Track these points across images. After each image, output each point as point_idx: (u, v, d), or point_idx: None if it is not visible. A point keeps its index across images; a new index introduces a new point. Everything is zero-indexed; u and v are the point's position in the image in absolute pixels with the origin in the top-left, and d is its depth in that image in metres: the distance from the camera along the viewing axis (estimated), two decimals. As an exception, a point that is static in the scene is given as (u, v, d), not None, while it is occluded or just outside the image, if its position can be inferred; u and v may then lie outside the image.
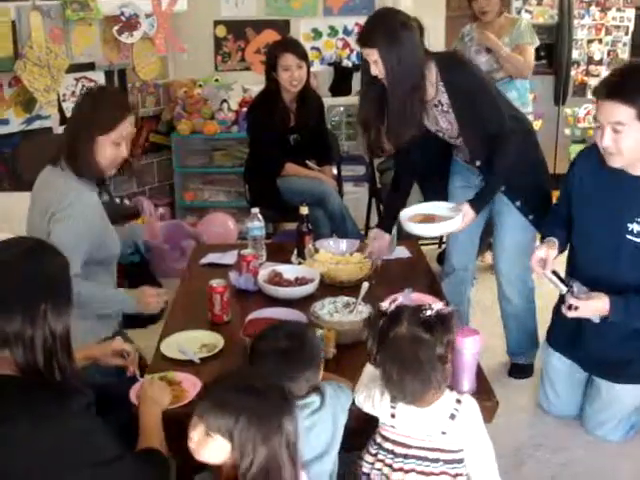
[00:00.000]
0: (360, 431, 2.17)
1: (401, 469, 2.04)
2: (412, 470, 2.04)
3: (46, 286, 1.74)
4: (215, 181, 5.59)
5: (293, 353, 2.00)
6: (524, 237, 3.35)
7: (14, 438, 1.62)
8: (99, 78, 4.88)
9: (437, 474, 2.04)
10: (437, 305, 2.03)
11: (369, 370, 2.20)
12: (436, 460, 2.04)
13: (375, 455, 2.10)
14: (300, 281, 3.04)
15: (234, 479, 1.69)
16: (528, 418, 3.25)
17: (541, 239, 3.04)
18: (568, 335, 3.06)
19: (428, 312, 1.99)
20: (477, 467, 2.08)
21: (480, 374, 2.42)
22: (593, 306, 2.75)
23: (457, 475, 2.06)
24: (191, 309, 2.92)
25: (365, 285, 2.81)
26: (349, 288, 2.94)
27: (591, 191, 2.88)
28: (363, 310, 2.68)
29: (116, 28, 4.80)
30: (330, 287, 3.02)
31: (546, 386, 3.26)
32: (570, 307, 2.77)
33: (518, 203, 3.31)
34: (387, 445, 2.07)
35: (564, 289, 2.79)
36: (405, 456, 2.04)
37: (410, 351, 1.95)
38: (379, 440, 2.10)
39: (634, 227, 2.75)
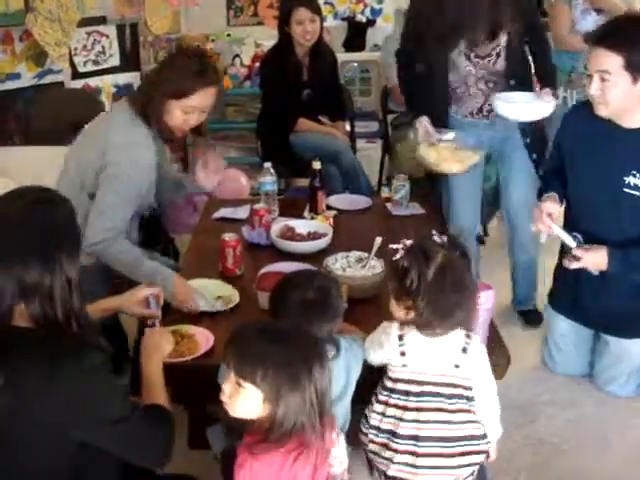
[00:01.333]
0: (366, 384, 2.18)
1: (416, 408, 2.04)
2: (427, 408, 2.04)
3: (58, 234, 1.73)
4: (227, 137, 5.56)
5: (320, 304, 2.01)
6: (533, 180, 3.36)
7: (27, 392, 1.62)
8: (111, 32, 4.85)
9: (453, 411, 2.05)
10: (436, 235, 2.09)
11: (383, 327, 2.19)
12: (450, 396, 2.04)
13: (385, 402, 2.09)
14: (313, 235, 3.03)
15: (264, 432, 1.68)
16: (537, 375, 3.25)
17: (538, 195, 3.01)
18: (570, 296, 3.06)
19: (436, 238, 2.06)
20: (484, 404, 2.10)
21: (493, 330, 2.43)
22: (593, 258, 2.75)
23: (470, 412, 2.07)
24: (204, 263, 2.92)
25: (378, 240, 2.80)
26: (361, 243, 2.92)
27: (585, 146, 2.84)
28: (376, 265, 2.67)
29: (128, -19, 4.76)
30: (343, 242, 3.00)
31: (551, 347, 3.26)
32: (573, 258, 2.77)
33: (528, 140, 3.38)
34: (399, 386, 2.06)
35: (573, 243, 2.78)
36: (420, 394, 2.04)
37: (457, 276, 1.98)
38: (390, 384, 2.09)
39: (631, 180, 2.71)
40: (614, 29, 2.61)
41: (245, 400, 1.67)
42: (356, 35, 5.64)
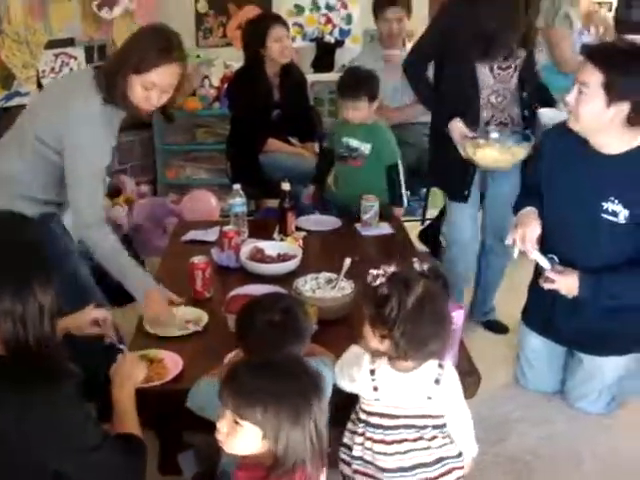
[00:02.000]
0: (342, 406, 2.17)
1: (394, 441, 2.04)
2: (405, 440, 2.04)
3: (30, 259, 1.71)
4: (197, 158, 5.55)
5: (286, 326, 2.00)
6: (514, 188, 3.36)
7: (5, 421, 1.59)
8: (79, 54, 4.82)
9: (429, 439, 2.05)
10: (417, 262, 2.08)
11: (352, 352, 2.19)
12: (424, 427, 2.04)
13: (363, 434, 2.09)
14: (282, 257, 3.03)
15: (266, 469, 1.65)
16: (508, 392, 3.26)
17: (516, 206, 3.04)
18: (544, 313, 3.07)
19: (417, 265, 2.05)
20: (459, 430, 2.10)
21: (463, 349, 2.43)
22: (565, 282, 2.78)
23: (446, 437, 2.08)
24: (173, 286, 2.89)
25: (347, 261, 2.81)
26: (331, 264, 2.91)
27: (563, 165, 2.86)
28: (345, 286, 2.68)
29: (96, 3, 4.74)
30: (312, 264, 3.01)
31: (523, 364, 3.27)
32: (547, 279, 2.80)
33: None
34: (373, 419, 2.06)
35: (548, 265, 2.80)
36: (394, 427, 2.04)
37: (436, 309, 1.97)
38: (364, 417, 2.09)
39: (609, 206, 2.72)
40: (605, 48, 2.72)
41: (243, 438, 1.64)
42: (325, 56, 5.65)
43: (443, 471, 2.08)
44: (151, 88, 2.62)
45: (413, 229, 4.64)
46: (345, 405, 2.15)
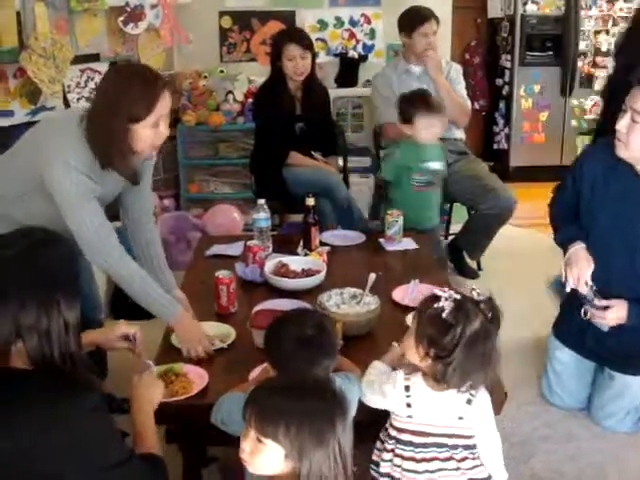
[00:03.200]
0: (368, 424, 2.16)
1: (423, 459, 2.03)
2: (435, 458, 2.03)
3: (58, 276, 1.73)
4: (220, 173, 5.57)
5: (318, 341, 1.98)
6: None
7: (26, 437, 1.59)
8: (104, 69, 4.85)
9: (459, 460, 2.04)
10: (474, 291, 2.02)
11: (377, 368, 2.18)
12: (455, 446, 2.03)
13: (392, 451, 2.08)
14: (307, 272, 3.03)
15: None
16: (533, 409, 3.23)
17: (560, 238, 3.03)
18: (577, 329, 3.04)
19: (476, 296, 1.99)
20: (489, 453, 2.09)
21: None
22: (616, 314, 2.81)
23: (476, 458, 2.07)
24: (197, 300, 2.90)
25: (372, 276, 2.80)
26: (355, 279, 2.90)
27: (602, 193, 2.86)
28: (370, 301, 2.66)
29: (121, 19, 4.77)
30: (336, 279, 3.00)
31: (551, 379, 3.25)
32: (594, 308, 2.84)
33: None
34: (404, 437, 2.05)
35: (592, 296, 2.83)
36: (424, 445, 2.03)
37: (487, 347, 1.94)
38: (394, 433, 2.07)
39: None
40: None
41: (266, 457, 1.63)
42: (348, 71, 5.67)
43: None
44: (160, 121, 2.50)
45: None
46: (371, 422, 2.14)
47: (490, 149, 6.70)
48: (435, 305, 1.96)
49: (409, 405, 2.02)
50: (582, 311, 2.88)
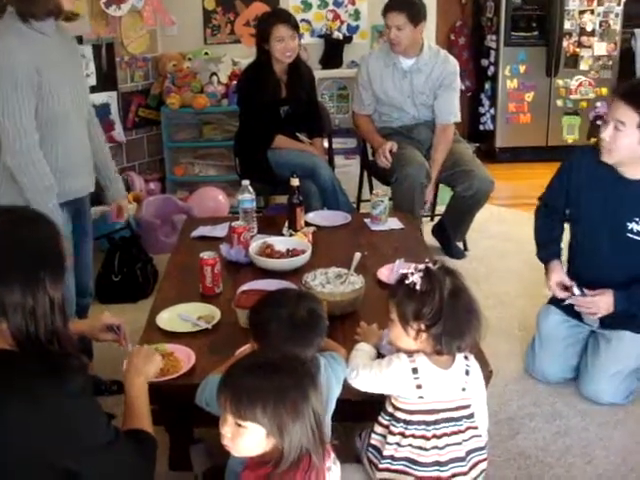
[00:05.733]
0: (355, 402, 2.17)
1: (434, 435, 2.05)
2: (444, 434, 2.06)
3: (42, 254, 1.71)
4: (205, 155, 5.53)
5: (311, 323, 1.98)
6: None
7: (9, 419, 1.58)
8: (87, 52, 4.82)
9: (463, 431, 2.08)
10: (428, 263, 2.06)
11: (364, 350, 2.19)
12: (459, 418, 2.07)
13: (401, 434, 2.07)
14: (291, 253, 3.02)
15: (272, 465, 1.64)
16: (519, 387, 3.24)
17: (541, 248, 3.21)
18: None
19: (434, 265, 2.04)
20: (482, 415, 2.15)
21: (473, 343, 2.42)
22: (603, 303, 2.99)
23: (475, 427, 2.11)
24: (182, 282, 2.90)
25: (357, 256, 2.80)
26: (341, 259, 2.90)
27: (590, 193, 3.02)
28: (355, 281, 2.66)
29: (103, 1, 4.74)
30: (322, 259, 2.99)
31: (537, 347, 3.28)
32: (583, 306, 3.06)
33: None
34: (416, 417, 2.05)
35: (579, 292, 3.06)
36: (435, 422, 2.05)
37: (467, 300, 2.02)
38: (403, 416, 2.06)
39: (633, 226, 2.93)
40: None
41: (248, 439, 1.64)
42: (333, 52, 5.63)
43: (471, 465, 2.10)
44: None
45: (425, 225, 4.67)
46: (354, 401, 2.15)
47: (476, 130, 6.70)
48: (406, 282, 2.00)
49: (419, 387, 2.02)
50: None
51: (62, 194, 2.78)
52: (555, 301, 3.25)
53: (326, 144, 4.69)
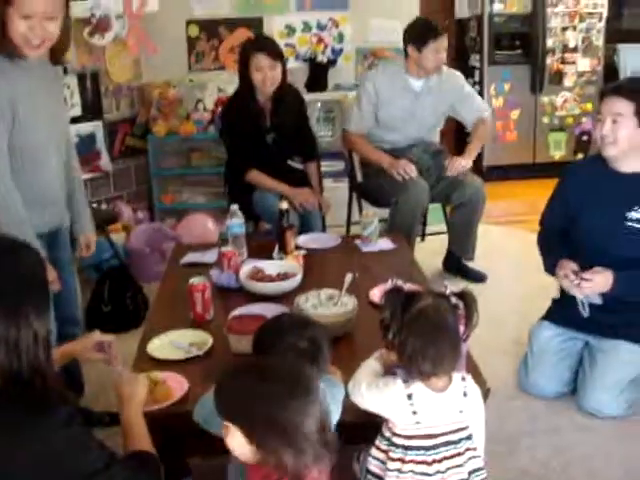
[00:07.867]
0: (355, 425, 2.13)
1: (434, 460, 2.03)
2: (444, 458, 2.03)
3: (25, 286, 1.66)
4: (193, 182, 5.53)
5: (314, 355, 1.96)
6: None
7: None
8: (71, 82, 4.81)
9: (463, 452, 2.05)
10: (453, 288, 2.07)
11: (370, 368, 2.16)
12: (458, 441, 2.05)
13: (401, 460, 2.05)
14: (282, 276, 2.99)
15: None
16: (515, 404, 3.21)
17: (550, 267, 3.18)
18: (569, 309, 3.11)
19: (447, 291, 2.04)
20: (479, 437, 2.12)
21: (470, 361, 2.40)
22: (602, 279, 2.96)
23: (474, 448, 2.08)
24: (172, 309, 2.87)
25: (349, 277, 2.78)
26: (333, 281, 2.88)
27: (590, 195, 3.12)
28: (347, 302, 2.64)
29: (87, 30, 4.74)
30: (313, 281, 2.96)
31: (529, 362, 3.27)
32: (582, 279, 3.00)
33: None
34: (414, 442, 2.03)
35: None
36: (434, 446, 2.03)
37: (440, 317, 1.98)
38: (401, 442, 2.04)
39: (632, 215, 3.02)
40: (628, 83, 3.17)
41: (231, 439, 1.62)
42: (318, 75, 5.66)
43: None
44: (33, 16, 2.46)
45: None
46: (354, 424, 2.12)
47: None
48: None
49: (415, 412, 2.00)
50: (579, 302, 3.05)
51: (36, 226, 2.71)
52: (549, 316, 3.24)
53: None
